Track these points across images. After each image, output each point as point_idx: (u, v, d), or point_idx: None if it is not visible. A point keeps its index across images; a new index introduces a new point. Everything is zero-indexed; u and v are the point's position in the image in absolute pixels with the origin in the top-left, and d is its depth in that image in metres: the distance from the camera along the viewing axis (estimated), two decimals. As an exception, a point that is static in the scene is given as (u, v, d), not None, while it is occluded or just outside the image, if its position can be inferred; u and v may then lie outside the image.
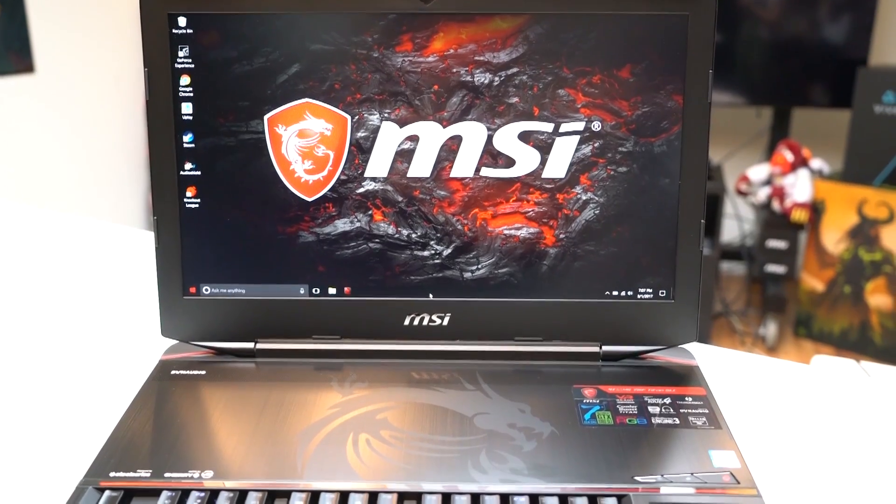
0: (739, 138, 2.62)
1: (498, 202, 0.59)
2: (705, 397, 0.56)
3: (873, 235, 2.12)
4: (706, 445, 0.50)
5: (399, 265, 0.60)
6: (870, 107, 2.11)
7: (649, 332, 0.60)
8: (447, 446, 0.50)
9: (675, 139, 0.57)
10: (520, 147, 0.58)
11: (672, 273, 0.59)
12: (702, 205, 0.58)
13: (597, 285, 0.59)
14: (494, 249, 0.59)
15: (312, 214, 0.59)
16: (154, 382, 0.58)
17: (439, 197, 0.59)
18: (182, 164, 0.59)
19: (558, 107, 0.57)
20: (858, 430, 0.57)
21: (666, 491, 0.46)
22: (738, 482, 0.47)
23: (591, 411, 0.54)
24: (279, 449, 0.50)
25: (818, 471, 0.52)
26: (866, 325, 2.18)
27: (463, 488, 0.46)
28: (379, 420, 0.53)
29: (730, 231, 2.72)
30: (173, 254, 0.60)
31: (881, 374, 0.64)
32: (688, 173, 0.58)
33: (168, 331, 0.61)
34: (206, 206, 0.59)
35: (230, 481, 0.47)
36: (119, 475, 0.48)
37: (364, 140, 0.58)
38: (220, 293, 0.60)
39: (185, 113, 0.58)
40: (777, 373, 0.64)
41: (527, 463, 0.49)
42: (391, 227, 0.59)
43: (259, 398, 0.55)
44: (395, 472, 0.48)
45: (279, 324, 0.61)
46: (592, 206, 0.58)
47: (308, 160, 0.59)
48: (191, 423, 0.53)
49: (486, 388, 0.56)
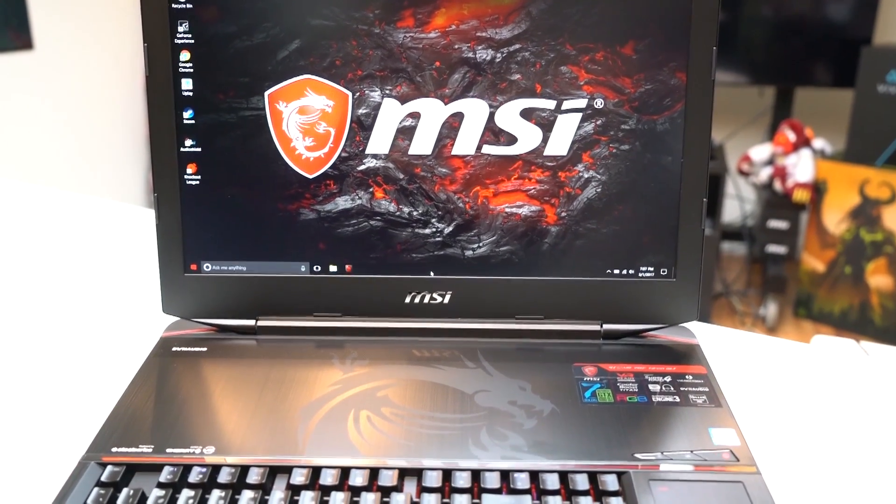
0: (741, 118, 2.61)
1: (499, 180, 0.59)
2: (706, 376, 0.56)
3: (875, 216, 2.12)
4: (706, 423, 0.51)
5: (400, 243, 0.60)
6: (873, 86, 2.10)
7: (650, 311, 0.60)
8: (448, 423, 0.50)
9: (677, 117, 0.57)
10: (522, 124, 0.58)
11: (673, 252, 0.59)
12: (704, 183, 0.58)
13: (598, 264, 0.59)
14: (496, 227, 0.59)
15: (313, 192, 0.59)
16: (155, 359, 0.58)
17: (440, 174, 0.59)
18: (182, 141, 0.59)
19: (561, 84, 0.57)
20: (858, 409, 0.57)
21: (666, 468, 0.46)
22: (737, 460, 0.47)
23: (591, 389, 0.54)
24: (280, 425, 0.50)
25: (817, 449, 0.53)
26: (866, 305, 2.19)
27: (463, 465, 0.47)
28: (380, 397, 0.53)
29: (731, 211, 2.71)
30: (174, 231, 0.60)
31: (880, 354, 0.64)
32: (690, 151, 0.57)
33: (169, 308, 0.61)
34: (206, 183, 0.59)
35: (231, 457, 0.47)
36: (121, 450, 0.48)
37: (365, 117, 0.58)
38: (221, 270, 0.60)
39: (185, 89, 0.58)
40: (777, 352, 0.64)
41: (527, 440, 0.49)
42: (392, 205, 0.59)
43: (260, 375, 0.55)
44: (396, 449, 0.48)
45: (280, 301, 0.61)
46: (594, 185, 0.58)
47: (309, 137, 0.58)
48: (192, 400, 0.53)
49: (487, 365, 0.57)
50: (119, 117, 2.57)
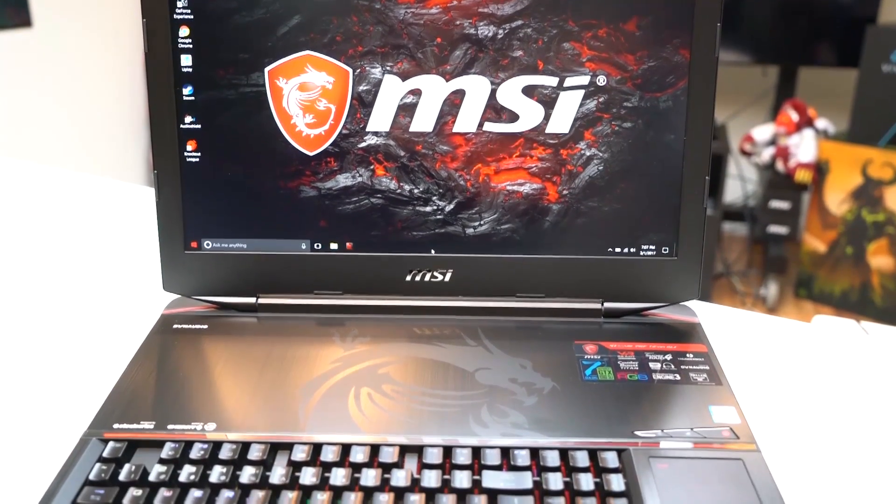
0: (744, 98, 2.59)
1: (501, 157, 0.58)
2: (706, 354, 0.56)
3: (877, 196, 2.11)
4: (706, 401, 0.51)
5: (401, 220, 0.59)
6: (878, 66, 2.08)
7: (651, 289, 0.60)
8: (449, 401, 0.51)
9: (681, 94, 0.57)
10: (523, 101, 0.57)
11: (675, 230, 0.59)
12: (707, 161, 0.57)
13: (599, 242, 0.59)
14: (497, 205, 0.59)
15: (314, 169, 0.59)
16: (156, 336, 0.58)
17: (442, 152, 0.58)
18: (182, 118, 0.58)
19: (563, 60, 0.57)
20: (857, 388, 0.57)
21: (666, 445, 0.47)
22: (737, 437, 0.47)
23: (592, 367, 0.54)
24: (281, 402, 0.50)
25: (817, 427, 0.53)
26: (867, 286, 2.19)
27: (464, 442, 0.47)
28: (381, 374, 0.53)
29: (733, 191, 2.70)
30: (174, 208, 0.59)
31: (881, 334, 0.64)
32: (693, 129, 0.57)
33: (170, 285, 0.61)
34: (206, 160, 0.59)
35: (233, 433, 0.48)
36: (123, 427, 0.48)
37: (366, 94, 0.58)
38: (221, 248, 0.60)
39: (184, 65, 0.57)
40: (778, 331, 0.64)
41: (528, 417, 0.49)
42: (393, 183, 0.59)
43: (261, 352, 0.56)
44: (397, 426, 0.48)
45: (281, 279, 0.60)
46: (596, 162, 0.58)
47: (309, 114, 0.58)
48: (193, 377, 0.53)
49: (488, 343, 0.57)
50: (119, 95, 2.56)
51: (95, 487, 0.44)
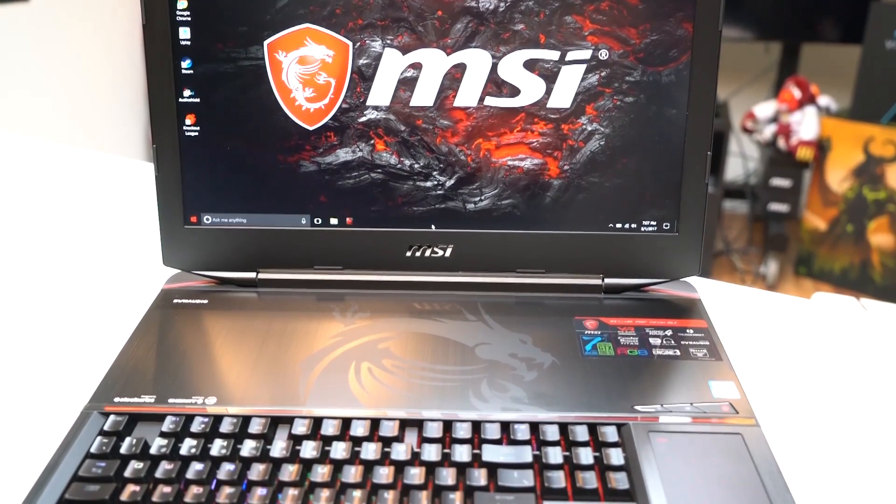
0: (746, 74, 2.58)
1: (502, 132, 0.58)
2: (706, 330, 0.56)
3: (878, 174, 2.11)
4: (706, 376, 0.51)
5: (401, 196, 0.59)
6: (881, 43, 2.07)
7: (652, 265, 0.60)
8: (449, 375, 0.51)
9: (683, 68, 0.56)
10: (525, 76, 0.57)
11: (677, 205, 0.58)
12: (709, 136, 0.57)
13: (600, 217, 0.59)
14: (498, 181, 0.59)
15: (314, 143, 0.58)
16: (156, 311, 0.58)
17: (442, 126, 0.58)
18: (181, 91, 0.58)
19: (565, 34, 0.56)
20: (856, 364, 0.57)
21: (665, 420, 0.47)
22: (736, 412, 0.48)
23: (592, 342, 0.54)
24: (282, 377, 0.50)
25: (816, 402, 0.53)
26: (867, 263, 2.19)
27: (463, 416, 0.47)
28: (381, 349, 0.53)
29: (734, 169, 2.70)
30: (173, 182, 0.59)
31: (880, 311, 0.64)
32: (695, 104, 0.56)
33: (169, 260, 0.61)
34: (205, 135, 0.58)
35: (233, 407, 0.48)
36: (123, 400, 0.48)
37: (366, 67, 0.57)
38: (221, 223, 0.60)
39: (182, 38, 0.57)
40: (778, 307, 0.64)
41: (527, 392, 0.49)
42: (393, 157, 0.58)
43: (261, 327, 0.56)
44: (397, 400, 0.48)
45: (281, 254, 0.60)
46: (598, 137, 0.58)
47: (309, 88, 0.58)
48: (193, 351, 0.53)
49: (488, 318, 0.57)
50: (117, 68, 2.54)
51: (97, 460, 0.44)
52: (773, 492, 0.42)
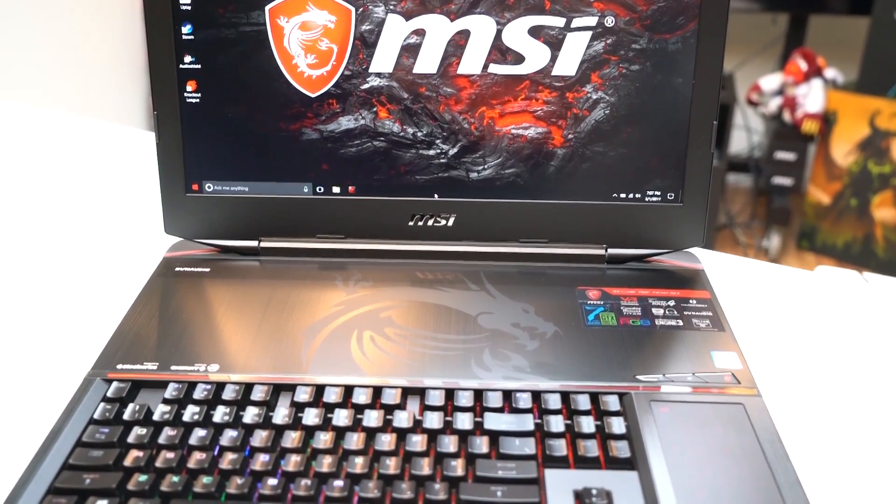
0: (753, 46, 2.55)
1: (506, 100, 0.57)
2: (709, 300, 0.55)
3: (884, 148, 2.09)
4: (709, 347, 0.51)
5: (404, 164, 0.59)
6: (889, 14, 2.04)
7: (656, 236, 0.59)
8: (451, 344, 0.51)
9: (690, 36, 0.55)
10: (530, 43, 0.56)
11: (681, 175, 0.58)
12: (715, 106, 0.56)
13: (604, 187, 0.59)
14: (501, 149, 0.58)
15: (316, 111, 0.58)
16: (158, 279, 0.58)
17: (446, 94, 0.57)
18: (181, 57, 0.57)
19: (570, 0, 0.55)
20: (857, 336, 0.57)
21: (667, 389, 0.47)
22: (738, 382, 0.48)
23: (594, 312, 0.54)
24: (284, 345, 0.50)
25: (818, 372, 0.53)
26: (870, 238, 2.18)
27: (465, 384, 0.47)
28: (383, 318, 0.53)
29: (738, 142, 2.68)
30: (175, 150, 0.59)
31: (882, 284, 0.64)
32: (702, 72, 0.56)
33: (171, 228, 0.61)
34: (206, 101, 0.58)
35: (236, 375, 0.48)
36: (126, 367, 0.48)
37: (369, 33, 0.56)
38: (222, 191, 0.60)
39: (183, 3, 0.56)
40: (781, 279, 0.64)
41: (530, 361, 0.49)
42: (396, 125, 0.58)
43: (263, 295, 0.55)
44: (399, 369, 0.48)
45: (283, 222, 0.60)
46: (603, 106, 0.57)
47: (311, 54, 0.57)
48: (196, 319, 0.53)
49: (491, 288, 0.56)
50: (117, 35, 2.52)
51: (100, 426, 0.44)
52: (773, 461, 0.42)
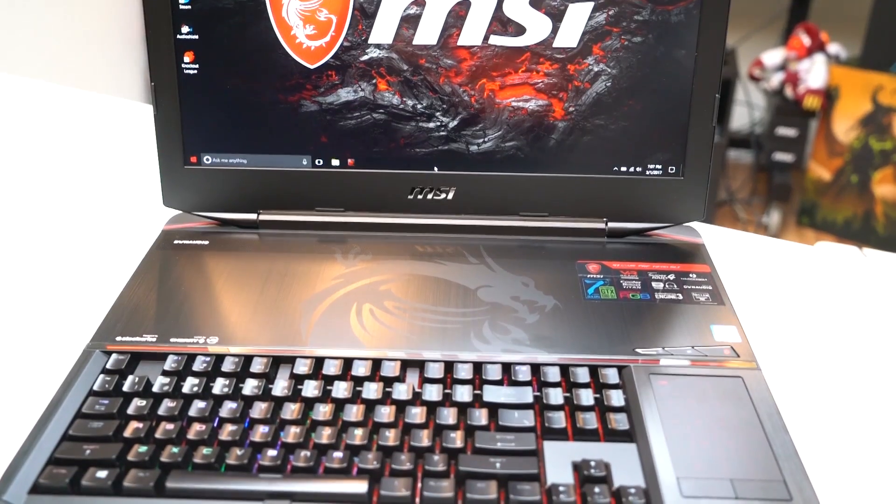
0: (755, 20, 2.53)
1: (506, 72, 0.57)
2: (709, 274, 0.55)
3: (885, 124, 2.08)
4: (708, 320, 0.51)
5: (404, 137, 0.58)
6: (894, -12, 2.02)
7: (657, 209, 0.59)
8: (450, 317, 0.51)
9: (693, 7, 0.55)
10: (531, 14, 0.55)
11: (683, 149, 0.58)
12: (717, 79, 0.56)
13: (605, 161, 0.58)
14: (501, 122, 0.58)
15: (314, 82, 0.57)
16: (157, 251, 0.58)
17: (446, 66, 0.57)
18: (179, 28, 0.57)
19: (573, -29, 0.54)
20: (856, 310, 0.57)
21: (666, 363, 0.47)
22: (737, 356, 0.48)
23: (594, 286, 0.54)
24: (283, 317, 0.50)
25: (816, 346, 0.53)
26: (870, 214, 2.18)
27: (464, 357, 0.47)
28: (382, 291, 0.53)
29: (739, 118, 2.66)
30: (173, 122, 0.58)
31: (881, 259, 0.64)
32: (705, 45, 0.55)
33: (170, 201, 0.60)
34: (204, 73, 0.57)
35: (235, 347, 0.48)
36: (125, 339, 0.48)
37: (368, 4, 0.56)
38: (221, 163, 0.59)
39: (180, -28, 0.55)
40: (781, 254, 0.64)
41: (529, 334, 0.49)
42: (396, 97, 0.57)
43: (263, 268, 0.55)
44: (399, 341, 0.48)
45: (282, 195, 0.60)
46: (604, 78, 0.56)
47: (310, 25, 0.56)
48: (195, 292, 0.53)
49: (490, 261, 0.56)
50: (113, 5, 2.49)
51: (100, 398, 0.44)
52: (772, 434, 0.42)
